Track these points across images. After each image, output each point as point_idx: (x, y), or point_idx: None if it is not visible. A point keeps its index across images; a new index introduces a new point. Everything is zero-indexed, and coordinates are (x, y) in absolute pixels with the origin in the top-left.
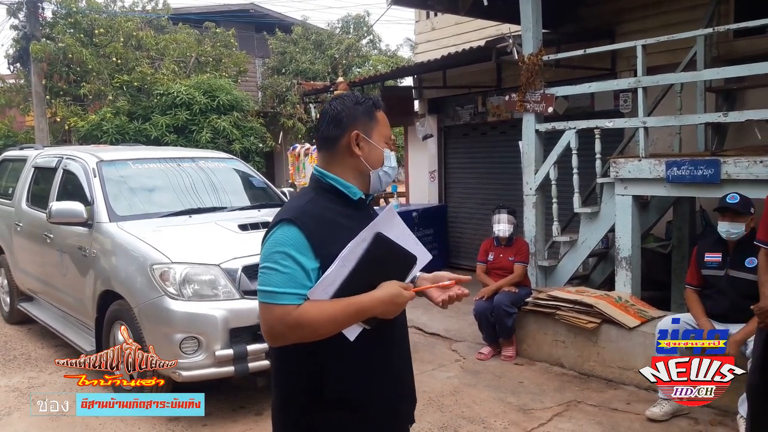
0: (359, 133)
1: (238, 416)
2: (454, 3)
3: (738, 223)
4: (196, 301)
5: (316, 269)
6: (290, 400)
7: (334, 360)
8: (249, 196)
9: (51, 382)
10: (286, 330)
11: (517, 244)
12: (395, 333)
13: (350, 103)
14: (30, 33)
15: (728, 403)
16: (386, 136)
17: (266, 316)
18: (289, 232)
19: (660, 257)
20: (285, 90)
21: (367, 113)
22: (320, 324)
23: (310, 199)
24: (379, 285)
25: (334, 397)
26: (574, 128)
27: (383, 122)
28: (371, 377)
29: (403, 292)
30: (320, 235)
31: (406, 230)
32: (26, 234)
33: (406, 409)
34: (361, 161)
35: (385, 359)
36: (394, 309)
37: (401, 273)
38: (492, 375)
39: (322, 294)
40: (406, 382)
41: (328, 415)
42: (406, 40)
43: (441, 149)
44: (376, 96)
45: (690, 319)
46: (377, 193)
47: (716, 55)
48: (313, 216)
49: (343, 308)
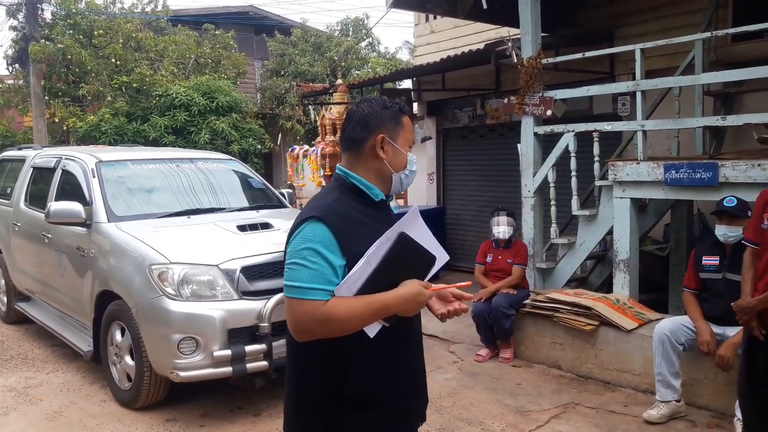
0: (385, 137)
1: (235, 417)
2: (453, 6)
3: (735, 227)
4: (195, 302)
5: (342, 266)
6: (308, 396)
7: (358, 355)
8: (248, 197)
9: (48, 382)
10: (313, 325)
11: (515, 246)
12: (411, 331)
13: (378, 107)
14: (29, 34)
15: (725, 405)
16: (410, 141)
17: (294, 311)
18: (317, 229)
19: (658, 260)
20: (284, 92)
21: (393, 118)
22: (347, 320)
23: (336, 198)
24: (401, 283)
25: (355, 392)
26: (572, 131)
27: (408, 127)
28: (390, 374)
29: (424, 290)
30: (347, 233)
31: (427, 231)
32: (24, 234)
33: (420, 407)
34: (385, 164)
35: (403, 357)
36: (415, 307)
37: (422, 272)
38: (490, 377)
39: (347, 291)
40: (421, 381)
41: (349, 411)
42: (404, 43)
43: (440, 151)
44: (402, 102)
45: (687, 322)
46: (397, 194)
47: (714, 59)
48: (339, 214)
49: (369, 305)
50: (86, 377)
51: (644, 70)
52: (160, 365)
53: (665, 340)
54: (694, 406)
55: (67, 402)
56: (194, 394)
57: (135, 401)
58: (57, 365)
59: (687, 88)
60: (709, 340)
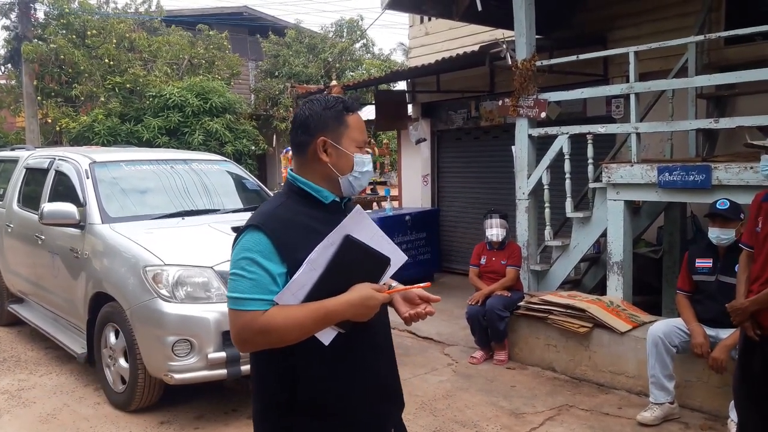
0: (326, 140)
1: (230, 419)
2: (448, 8)
3: (728, 229)
4: (189, 304)
5: (283, 274)
6: (268, 403)
7: (308, 364)
8: (242, 198)
9: (41, 384)
10: (252, 336)
11: (509, 247)
12: (376, 336)
13: (318, 108)
14: (21, 34)
15: (719, 407)
16: (358, 140)
17: (234, 322)
18: (255, 237)
19: (651, 262)
20: (278, 93)
21: (335, 118)
22: (287, 329)
23: (281, 203)
24: (351, 288)
25: (309, 400)
26: (566, 133)
27: (355, 126)
28: (351, 380)
29: (375, 294)
30: (288, 239)
31: (378, 232)
32: (17, 235)
33: (389, 413)
34: (329, 167)
35: (365, 362)
36: (366, 312)
37: (374, 275)
38: (484, 379)
39: (292, 299)
40: (389, 386)
41: (307, 419)
42: (399, 45)
43: (434, 153)
44: (350, 98)
45: (681, 324)
46: (352, 195)
47: (707, 62)
48: (281, 220)
49: (311, 312)
50: (80, 379)
51: (638, 72)
52: (155, 367)
53: (659, 343)
54: (688, 408)
55: (61, 404)
56: (188, 396)
57: (129, 404)
58: (50, 367)
59: (680, 91)
60: (703, 342)
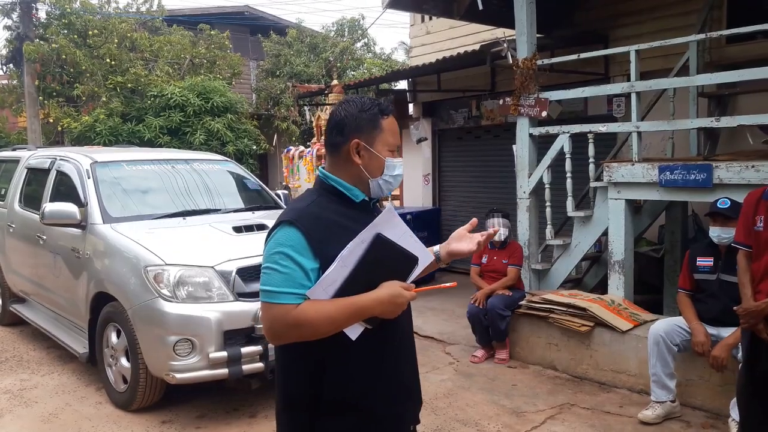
0: (360, 142)
1: (231, 419)
2: (448, 7)
3: (729, 228)
4: (190, 303)
5: (315, 269)
6: (292, 400)
7: (335, 360)
8: (243, 198)
9: (43, 384)
10: (285, 329)
11: (511, 247)
12: (399, 334)
13: (354, 110)
14: (23, 33)
15: (720, 406)
16: (391, 144)
17: (266, 315)
18: (288, 233)
19: (653, 261)
20: (279, 92)
21: (370, 121)
22: (318, 323)
23: (313, 201)
24: (380, 285)
25: (334, 397)
26: (567, 132)
27: (389, 130)
28: (375, 377)
29: (404, 292)
30: (320, 235)
31: (407, 231)
32: (19, 235)
33: (409, 411)
34: (361, 169)
35: (388, 360)
36: (394, 309)
37: (402, 273)
38: (485, 378)
39: (323, 294)
40: (411, 383)
41: (330, 416)
42: (400, 44)
43: (435, 152)
44: (385, 102)
45: (682, 323)
46: (381, 196)
47: (709, 60)
48: (313, 217)
49: (342, 308)
50: (82, 379)
51: (639, 71)
52: (156, 367)
53: (660, 341)
54: (689, 407)
55: (63, 404)
56: (190, 396)
57: (131, 403)
58: (52, 367)
59: (681, 90)
60: (704, 341)
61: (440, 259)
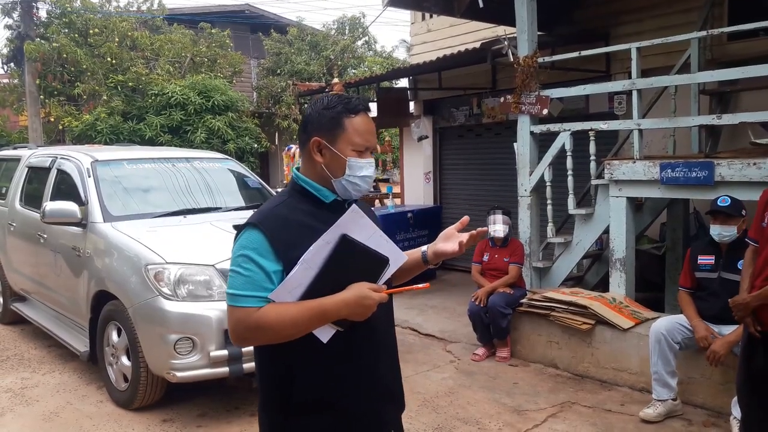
0: (320, 140)
1: (232, 417)
2: (449, 5)
3: (730, 226)
4: (191, 302)
5: (279, 272)
6: (267, 400)
7: (306, 362)
8: (244, 196)
9: (44, 382)
10: (246, 331)
11: (512, 245)
12: (377, 335)
13: (319, 107)
14: (24, 32)
15: (721, 404)
16: (356, 144)
17: (230, 318)
18: (251, 235)
19: (654, 259)
20: (280, 91)
21: (333, 119)
22: (280, 326)
23: (282, 202)
24: (347, 287)
25: (304, 399)
26: (568, 130)
27: (354, 129)
28: (346, 379)
29: (371, 293)
30: (285, 237)
31: (376, 231)
32: (19, 234)
33: (390, 413)
34: (323, 168)
35: (366, 358)
36: (362, 311)
37: (372, 274)
38: (486, 376)
39: (288, 296)
40: (389, 386)
41: (304, 416)
42: (401, 42)
43: (436, 150)
44: (356, 99)
45: (684, 321)
46: (351, 198)
47: (710, 57)
48: (280, 218)
49: (305, 310)
50: (83, 378)
51: (640, 68)
52: (157, 365)
53: (662, 339)
54: (691, 405)
55: (64, 403)
56: (191, 394)
57: (132, 402)
58: (53, 366)
59: (683, 87)
60: (707, 336)
61: (427, 259)
